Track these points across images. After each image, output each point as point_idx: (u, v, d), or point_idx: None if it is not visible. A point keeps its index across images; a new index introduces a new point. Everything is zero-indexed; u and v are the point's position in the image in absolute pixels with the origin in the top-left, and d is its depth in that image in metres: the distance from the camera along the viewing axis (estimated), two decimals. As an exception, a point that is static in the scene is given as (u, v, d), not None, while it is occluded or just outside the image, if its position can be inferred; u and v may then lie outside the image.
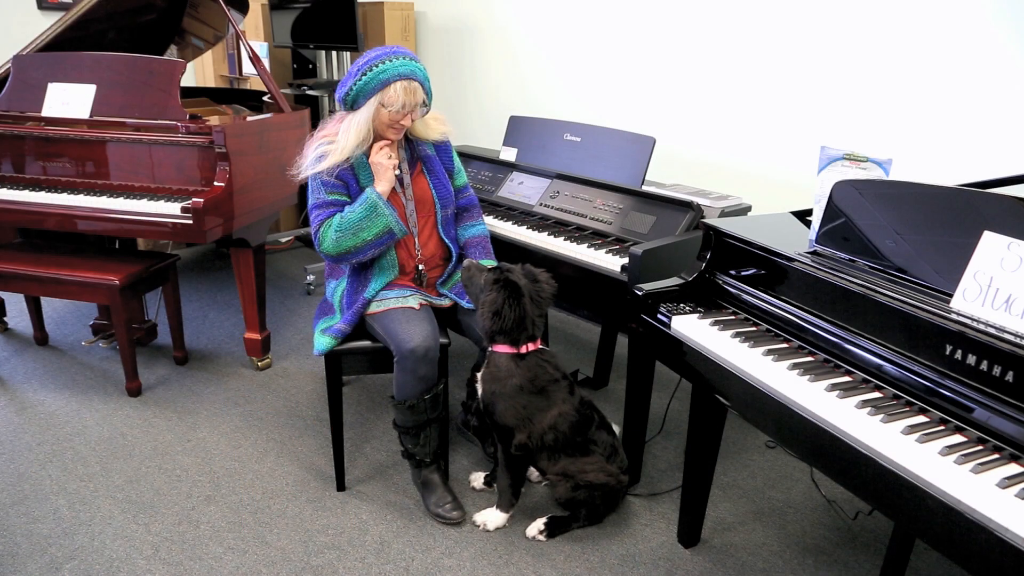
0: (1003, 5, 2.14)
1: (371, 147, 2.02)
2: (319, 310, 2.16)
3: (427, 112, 2.09)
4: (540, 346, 1.93)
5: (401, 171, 2.08)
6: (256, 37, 4.30)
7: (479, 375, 1.96)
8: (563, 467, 1.92)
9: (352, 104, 1.97)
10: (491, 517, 2.00)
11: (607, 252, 2.14)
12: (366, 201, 1.95)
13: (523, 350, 1.89)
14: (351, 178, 2.00)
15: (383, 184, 1.98)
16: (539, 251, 2.31)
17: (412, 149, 2.13)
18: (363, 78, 1.91)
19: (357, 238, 1.95)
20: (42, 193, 2.63)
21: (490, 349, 1.93)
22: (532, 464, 2.00)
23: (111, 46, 3.09)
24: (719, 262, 1.76)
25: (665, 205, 2.21)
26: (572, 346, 3.21)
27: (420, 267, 2.11)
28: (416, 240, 2.10)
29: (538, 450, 1.91)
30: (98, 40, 3.04)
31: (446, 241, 2.15)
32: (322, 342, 2.01)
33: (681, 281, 1.79)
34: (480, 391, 1.94)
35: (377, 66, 1.91)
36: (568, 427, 1.90)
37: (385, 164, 1.98)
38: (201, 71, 4.58)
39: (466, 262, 1.98)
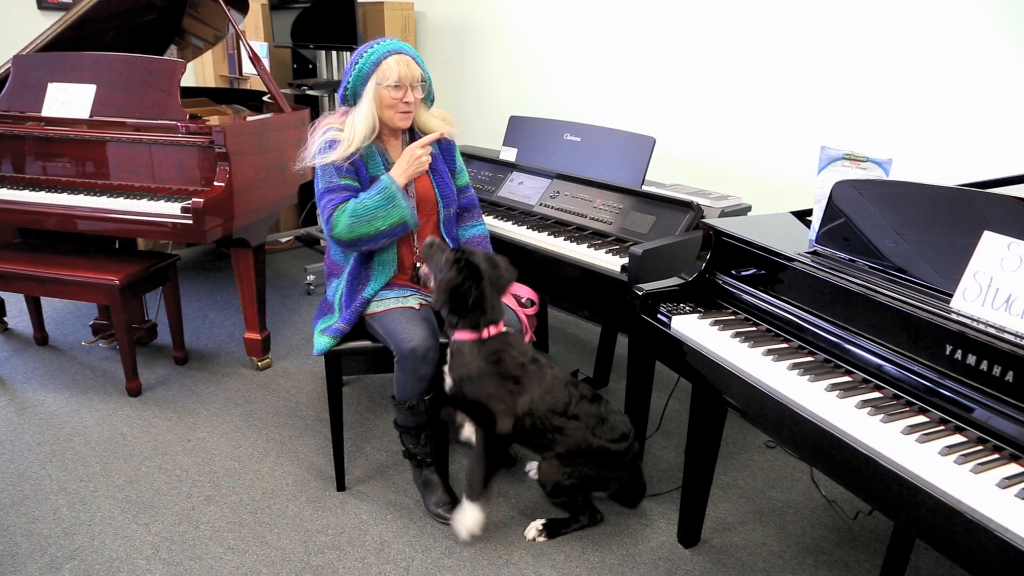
0: (1003, 6, 2.14)
1: (380, 136, 2.03)
2: (319, 310, 2.16)
3: (432, 104, 2.11)
4: (503, 329, 1.87)
5: None
6: (256, 37, 4.30)
7: (444, 368, 1.89)
8: (555, 454, 1.87)
9: (353, 98, 1.99)
10: (469, 518, 1.90)
11: (607, 252, 2.14)
12: (385, 190, 1.94)
13: (484, 334, 1.84)
14: (361, 165, 2.00)
15: (403, 177, 1.98)
16: (539, 251, 2.31)
17: None
18: (356, 67, 1.96)
19: (371, 226, 1.93)
20: (42, 193, 2.63)
21: (452, 338, 1.87)
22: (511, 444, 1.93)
23: (111, 46, 3.09)
24: (719, 262, 1.76)
25: (665, 205, 2.21)
26: (572, 346, 3.21)
27: (419, 264, 2.11)
28: (416, 238, 2.10)
29: (520, 435, 1.85)
30: (98, 40, 3.04)
31: (447, 240, 2.15)
32: (321, 342, 2.01)
33: (681, 281, 1.79)
34: (448, 383, 1.88)
35: (366, 52, 1.96)
36: (546, 410, 1.84)
37: (422, 159, 1.99)
38: (201, 71, 4.58)
39: (429, 238, 1.93)
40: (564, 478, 1.89)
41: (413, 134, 2.13)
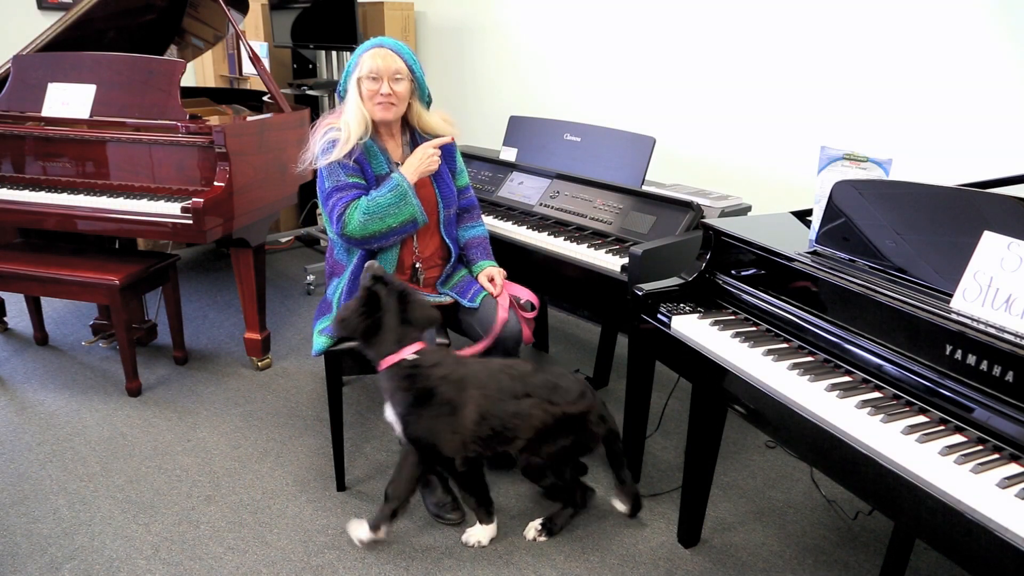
0: (1003, 6, 2.14)
1: (379, 134, 2.05)
2: (318, 310, 2.16)
3: (430, 104, 2.13)
4: (405, 356, 1.77)
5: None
6: (256, 37, 4.30)
7: (387, 412, 1.85)
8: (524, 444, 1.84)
9: (344, 94, 2.04)
10: (481, 533, 1.95)
11: (607, 252, 2.14)
12: (397, 188, 1.96)
13: (383, 364, 1.78)
14: (365, 163, 2.02)
15: (414, 175, 2.00)
16: (539, 251, 2.31)
17: (417, 147, 2.13)
18: (347, 64, 2.03)
19: (383, 223, 1.95)
20: (42, 193, 2.63)
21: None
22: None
23: (111, 46, 3.09)
24: (719, 262, 1.76)
25: (665, 205, 2.21)
26: (572, 346, 3.21)
27: (417, 265, 2.11)
28: (415, 238, 2.10)
29: (487, 443, 1.82)
30: (98, 40, 3.04)
31: (447, 241, 2.15)
32: (320, 342, 2.01)
33: (681, 281, 1.79)
34: (397, 430, 1.83)
35: (356, 49, 2.02)
36: (497, 399, 1.79)
37: (434, 158, 2.03)
38: (201, 71, 4.58)
39: (369, 262, 1.91)
40: (544, 459, 1.87)
41: (415, 135, 2.13)
